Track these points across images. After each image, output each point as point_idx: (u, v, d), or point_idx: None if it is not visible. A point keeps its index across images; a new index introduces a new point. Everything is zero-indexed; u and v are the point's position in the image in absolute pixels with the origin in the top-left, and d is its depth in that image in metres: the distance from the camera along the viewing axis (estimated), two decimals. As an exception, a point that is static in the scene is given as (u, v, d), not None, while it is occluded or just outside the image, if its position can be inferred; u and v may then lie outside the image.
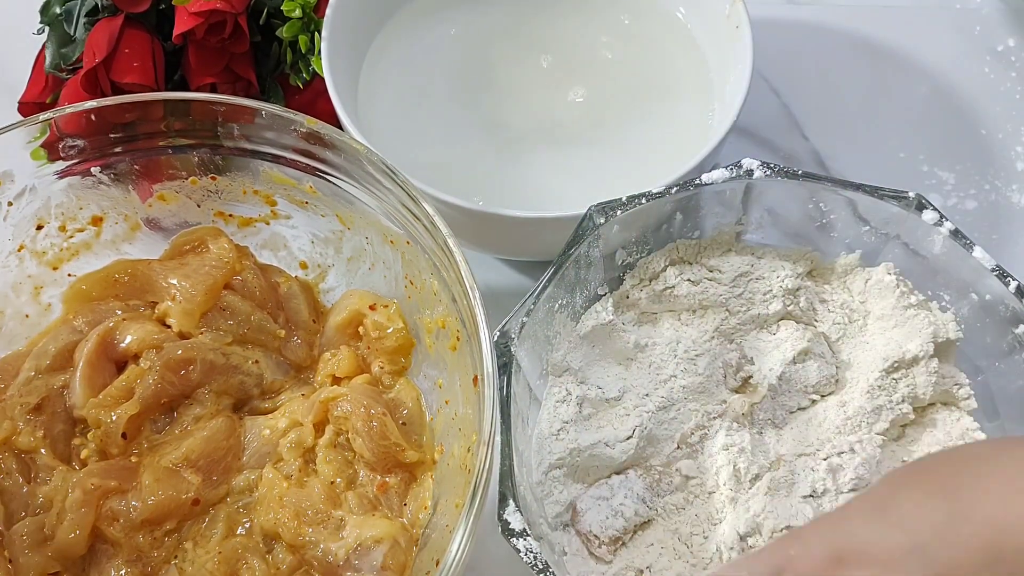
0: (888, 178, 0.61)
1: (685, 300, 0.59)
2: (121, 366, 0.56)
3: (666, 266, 0.59)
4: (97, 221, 0.59)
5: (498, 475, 0.49)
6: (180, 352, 0.55)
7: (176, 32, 0.64)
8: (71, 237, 0.59)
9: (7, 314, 0.58)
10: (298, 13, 0.67)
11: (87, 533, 0.51)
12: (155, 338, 0.56)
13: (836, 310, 0.59)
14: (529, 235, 0.62)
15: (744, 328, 0.59)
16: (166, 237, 0.61)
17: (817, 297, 0.60)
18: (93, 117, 0.56)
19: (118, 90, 0.63)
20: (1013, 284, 0.54)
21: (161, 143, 0.57)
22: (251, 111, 0.55)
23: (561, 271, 0.55)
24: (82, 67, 0.64)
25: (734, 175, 0.57)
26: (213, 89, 0.66)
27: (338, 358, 0.58)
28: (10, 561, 0.51)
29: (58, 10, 0.68)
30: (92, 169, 0.57)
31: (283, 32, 0.67)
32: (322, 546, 0.51)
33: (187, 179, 0.59)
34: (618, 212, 0.56)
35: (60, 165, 0.57)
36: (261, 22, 0.68)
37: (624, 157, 0.66)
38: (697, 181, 0.57)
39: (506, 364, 0.52)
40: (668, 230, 0.59)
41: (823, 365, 0.57)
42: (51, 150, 0.56)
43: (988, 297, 0.55)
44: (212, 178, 0.59)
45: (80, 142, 0.56)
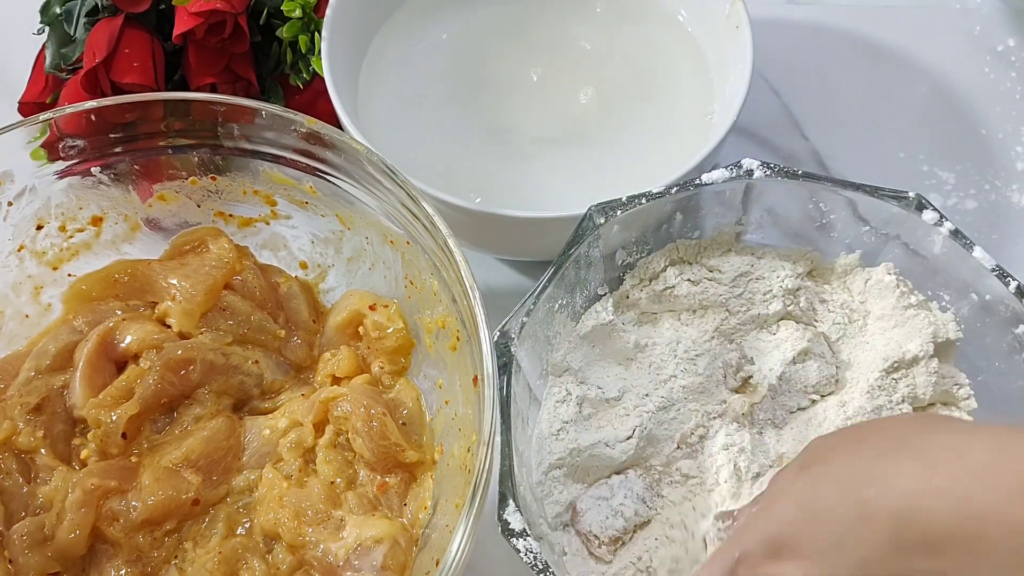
0: (888, 178, 0.61)
1: (685, 300, 0.59)
2: (121, 366, 0.56)
3: (666, 266, 0.59)
4: (97, 221, 0.59)
5: (498, 475, 0.49)
6: (180, 352, 0.55)
7: (176, 32, 0.64)
8: (71, 237, 0.59)
9: (7, 314, 0.58)
10: (298, 13, 0.67)
11: (87, 533, 0.51)
12: (155, 338, 0.56)
13: (836, 310, 0.59)
14: (529, 235, 0.62)
15: (744, 328, 0.59)
16: (166, 237, 0.61)
17: (817, 297, 0.60)
18: (93, 117, 0.56)
19: (118, 90, 0.63)
20: (1013, 284, 0.54)
21: (161, 143, 0.57)
22: (251, 111, 0.55)
23: (561, 271, 0.55)
24: (82, 67, 0.64)
25: (734, 175, 0.57)
26: (213, 89, 0.66)
27: (338, 358, 0.58)
28: (10, 561, 0.51)
29: (58, 10, 0.68)
30: (92, 169, 0.57)
31: (283, 32, 0.67)
32: (322, 546, 0.51)
33: (187, 179, 0.59)
34: (618, 212, 0.56)
35: (60, 165, 0.57)
36: (261, 22, 0.68)
37: (624, 157, 0.66)
38: (697, 181, 0.57)
39: (506, 364, 0.52)
40: (668, 230, 0.59)
41: (823, 365, 0.57)
42: (51, 150, 0.56)
43: (988, 297, 0.55)
44: (212, 178, 0.59)
45: (80, 142, 0.56)
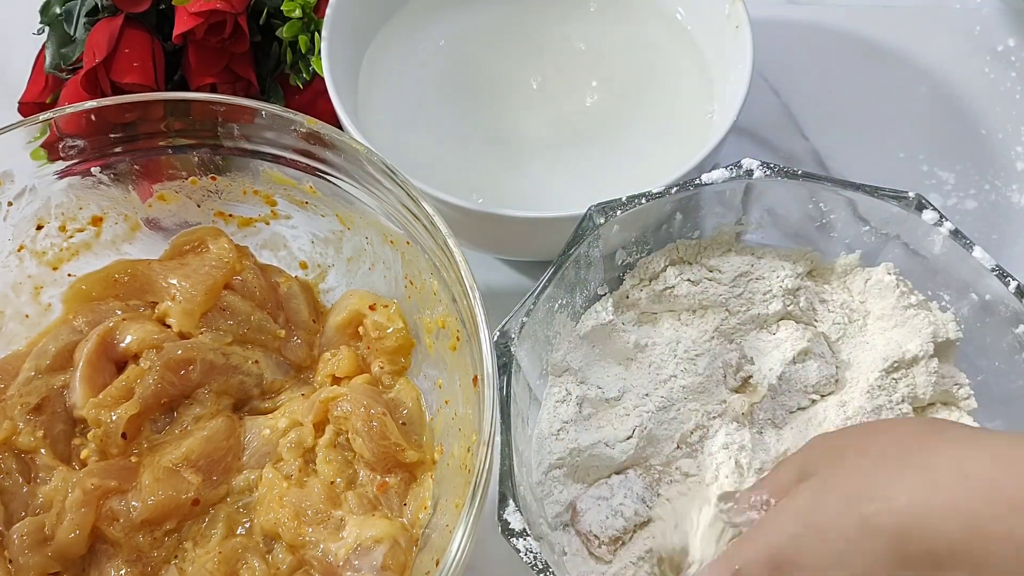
0: (888, 178, 0.61)
1: (685, 300, 0.59)
2: (121, 366, 0.56)
3: (666, 266, 0.59)
4: (97, 221, 0.59)
5: (498, 475, 0.49)
6: (180, 352, 0.55)
7: (176, 32, 0.64)
8: (71, 237, 0.59)
9: (7, 314, 0.58)
10: (298, 13, 0.67)
11: (87, 533, 0.51)
12: (155, 338, 0.56)
13: (836, 310, 0.59)
14: (529, 235, 0.62)
15: (744, 328, 0.59)
16: (166, 237, 0.61)
17: (817, 297, 0.60)
18: (93, 117, 0.56)
19: (118, 90, 0.63)
20: (1013, 284, 0.54)
21: (161, 143, 0.57)
22: (251, 111, 0.55)
23: (561, 271, 0.55)
24: (82, 67, 0.64)
25: (734, 175, 0.57)
26: (213, 89, 0.66)
27: (338, 358, 0.58)
28: (10, 561, 0.51)
29: (58, 10, 0.68)
30: (92, 169, 0.57)
31: (283, 32, 0.67)
32: (322, 546, 0.51)
33: (187, 179, 0.59)
34: (618, 212, 0.56)
35: (60, 165, 0.57)
36: (261, 22, 0.68)
37: (624, 157, 0.66)
38: (697, 181, 0.57)
39: (506, 364, 0.52)
40: (668, 230, 0.59)
41: (823, 365, 0.57)
42: (51, 150, 0.56)
43: (988, 297, 0.55)
44: (212, 178, 0.59)
45: (80, 142, 0.56)
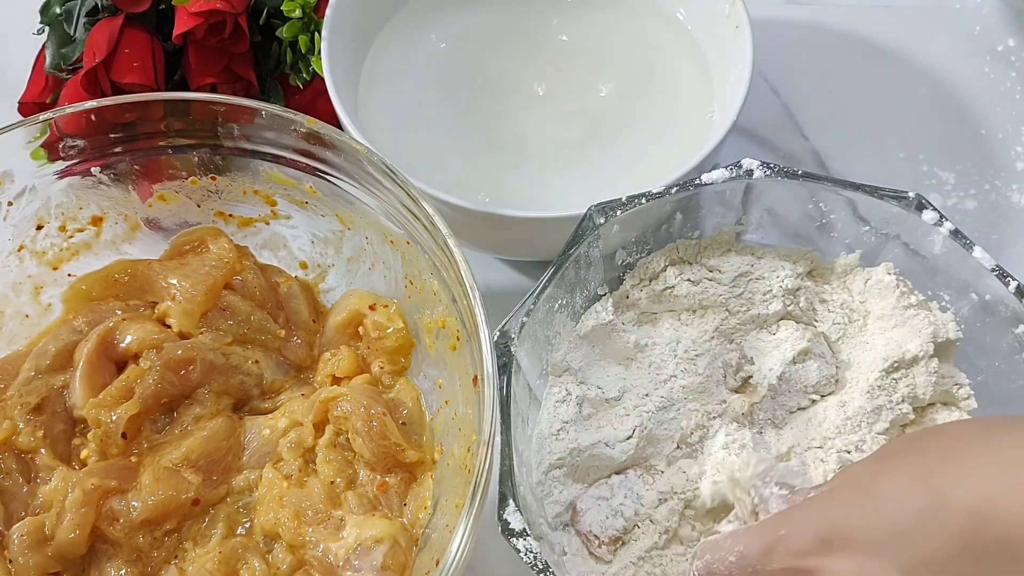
0: (888, 178, 0.61)
1: (685, 300, 0.59)
2: (121, 366, 0.56)
3: (666, 266, 0.59)
4: (97, 221, 0.59)
5: (498, 475, 0.49)
6: (180, 352, 0.55)
7: (176, 32, 0.64)
8: (71, 237, 0.59)
9: (7, 314, 0.58)
10: (298, 13, 0.67)
11: (87, 533, 0.51)
12: (155, 338, 0.56)
13: (836, 310, 0.59)
14: (529, 235, 0.62)
15: (744, 328, 0.59)
16: (166, 237, 0.61)
17: (817, 297, 0.60)
18: (93, 117, 0.56)
19: (118, 90, 0.63)
20: (1013, 284, 0.54)
21: (161, 143, 0.57)
22: (251, 111, 0.55)
23: (561, 271, 0.55)
24: (82, 67, 0.64)
25: (734, 175, 0.57)
26: (213, 89, 0.66)
27: (338, 358, 0.58)
28: (10, 561, 0.51)
29: (58, 10, 0.68)
30: (92, 169, 0.57)
31: (283, 32, 0.67)
32: (322, 546, 0.51)
33: (187, 179, 0.59)
34: (618, 212, 0.56)
35: (60, 165, 0.57)
36: (261, 22, 0.68)
37: (624, 157, 0.66)
38: (697, 181, 0.57)
39: (506, 364, 0.52)
40: (668, 230, 0.59)
41: (823, 365, 0.57)
42: (51, 150, 0.56)
43: (988, 297, 0.55)
44: (212, 178, 0.59)
45: (80, 142, 0.56)
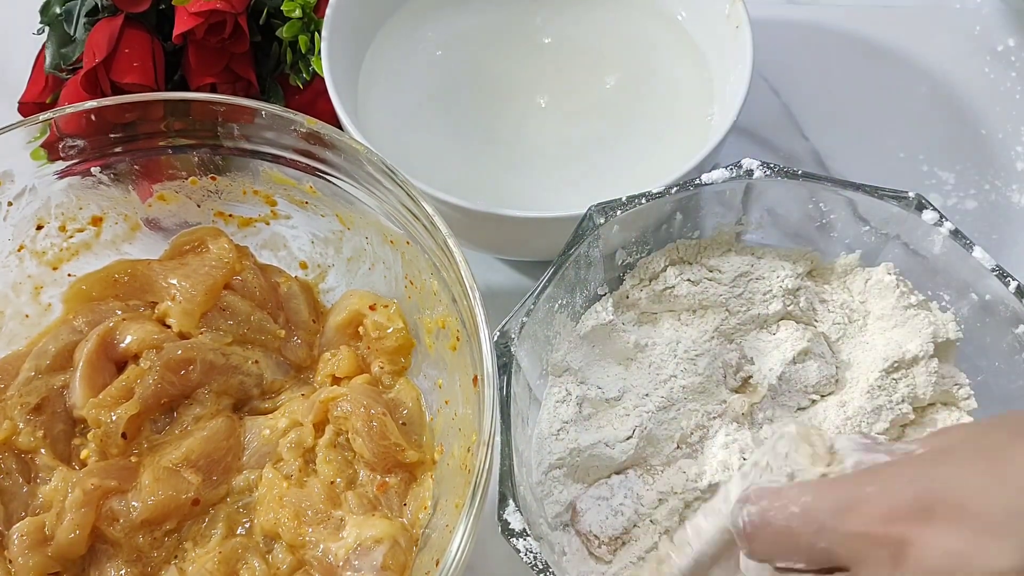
0: (888, 178, 0.61)
1: (685, 300, 0.59)
2: (121, 366, 0.56)
3: (666, 266, 0.59)
4: (97, 221, 0.59)
5: (498, 475, 0.49)
6: (180, 352, 0.55)
7: (176, 32, 0.64)
8: (71, 237, 0.59)
9: (7, 314, 0.58)
10: (298, 13, 0.67)
11: (87, 533, 0.51)
12: (155, 338, 0.56)
13: (836, 310, 0.59)
14: (529, 235, 0.62)
15: (744, 328, 0.59)
16: (166, 237, 0.61)
17: (817, 297, 0.60)
18: (93, 117, 0.56)
19: (118, 90, 0.63)
20: (1013, 284, 0.54)
21: (161, 143, 0.57)
22: (251, 111, 0.55)
23: (561, 271, 0.55)
24: (82, 67, 0.64)
25: (734, 175, 0.57)
26: (213, 89, 0.66)
27: (338, 358, 0.58)
28: (10, 561, 0.51)
29: (58, 10, 0.68)
30: (92, 169, 0.57)
31: (283, 32, 0.67)
32: (322, 546, 0.51)
33: (187, 179, 0.59)
34: (618, 212, 0.56)
35: (60, 165, 0.57)
36: (261, 22, 0.68)
37: (624, 157, 0.66)
38: (697, 181, 0.57)
39: (506, 364, 0.52)
40: (668, 230, 0.59)
41: (823, 365, 0.57)
42: (51, 150, 0.56)
43: (988, 297, 0.55)
44: (212, 178, 0.59)
45: (80, 142, 0.56)
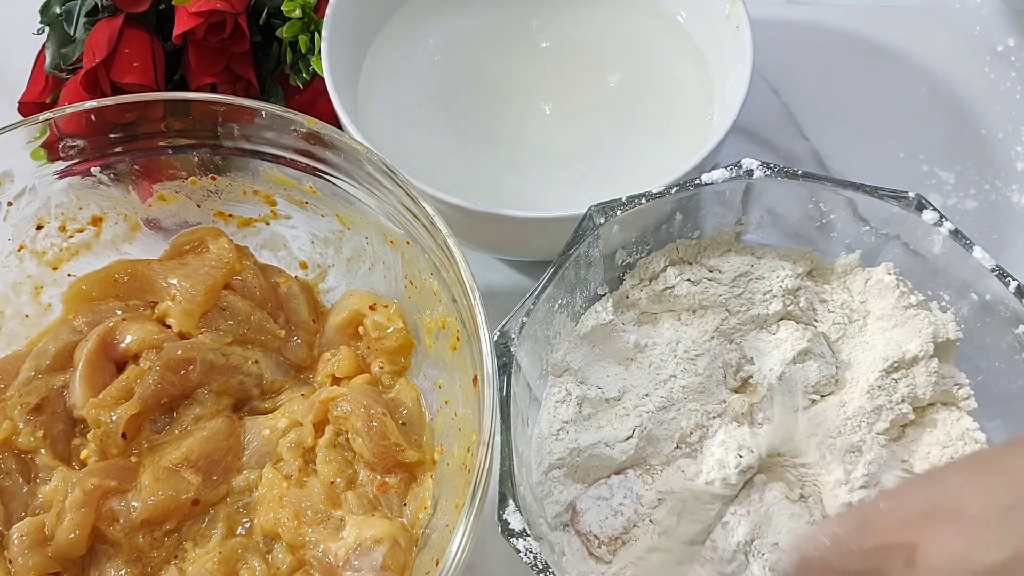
0: (888, 178, 0.61)
1: (685, 300, 0.59)
2: (121, 366, 0.56)
3: (666, 266, 0.59)
4: (97, 221, 0.59)
5: (498, 475, 0.49)
6: (180, 352, 0.55)
7: (176, 32, 0.64)
8: (71, 237, 0.59)
9: (7, 314, 0.58)
10: (298, 13, 0.67)
11: (87, 533, 0.51)
12: (155, 338, 0.56)
13: (836, 310, 0.59)
14: (529, 235, 0.62)
15: (744, 328, 0.59)
16: (166, 237, 0.61)
17: (817, 297, 0.60)
18: (93, 117, 0.56)
19: (118, 90, 0.63)
20: (1013, 284, 0.54)
21: (161, 143, 0.57)
22: (251, 111, 0.55)
23: (561, 271, 0.55)
24: (82, 67, 0.64)
25: (734, 175, 0.57)
26: (213, 89, 0.66)
27: (338, 358, 0.58)
28: (10, 561, 0.51)
29: (58, 10, 0.68)
30: (92, 169, 0.57)
31: (283, 32, 0.67)
32: (322, 546, 0.51)
33: (187, 179, 0.59)
34: (618, 212, 0.56)
35: (60, 165, 0.57)
36: (261, 22, 0.68)
37: (624, 157, 0.66)
38: (697, 181, 0.57)
39: (506, 364, 0.52)
40: (668, 230, 0.59)
41: (823, 365, 0.57)
42: (51, 150, 0.56)
43: (988, 297, 0.55)
44: (212, 178, 0.59)
45: (80, 142, 0.56)
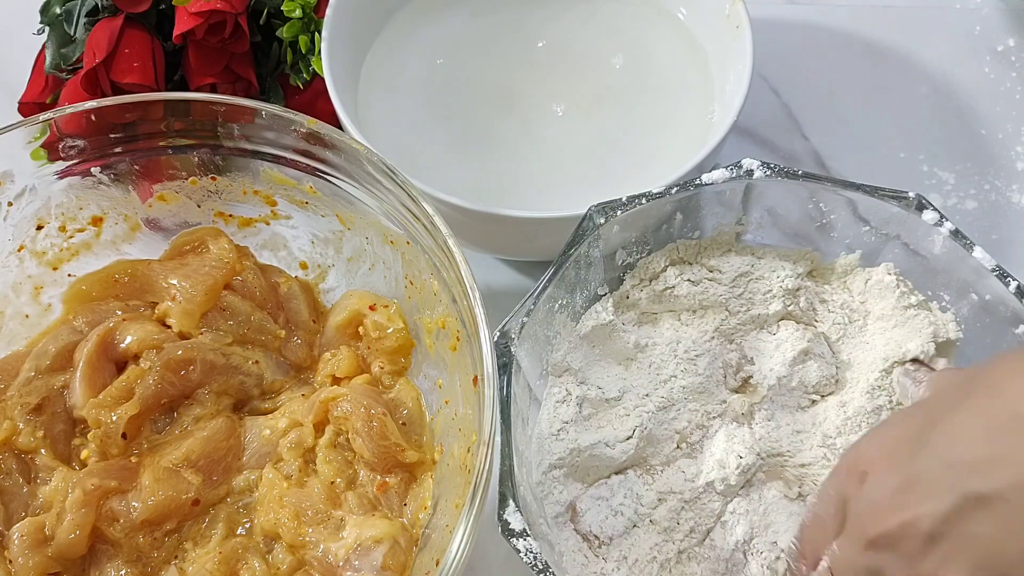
0: (888, 178, 0.61)
1: (685, 300, 0.59)
2: (121, 366, 0.56)
3: (666, 266, 0.59)
4: (97, 221, 0.59)
5: (498, 475, 0.49)
6: (180, 352, 0.55)
7: (176, 32, 0.64)
8: (71, 237, 0.59)
9: (7, 314, 0.58)
10: (298, 13, 0.67)
11: (87, 533, 0.51)
12: (155, 338, 0.56)
13: (836, 310, 0.59)
14: (529, 235, 0.62)
15: (744, 328, 0.59)
16: (166, 237, 0.61)
17: (817, 297, 0.60)
18: (93, 117, 0.56)
19: (118, 90, 0.63)
20: (1013, 284, 0.54)
21: (161, 143, 0.57)
22: (251, 111, 0.55)
23: (561, 271, 0.55)
24: (82, 67, 0.64)
25: (734, 175, 0.57)
26: (213, 89, 0.66)
27: (338, 358, 0.58)
28: (10, 561, 0.51)
29: (58, 10, 0.68)
30: (92, 169, 0.57)
31: (283, 32, 0.67)
32: (322, 546, 0.51)
33: (187, 179, 0.59)
34: (618, 212, 0.56)
35: (60, 165, 0.57)
36: (261, 22, 0.68)
37: (624, 157, 0.66)
38: (697, 181, 0.57)
39: (506, 364, 0.52)
40: (668, 230, 0.59)
41: (823, 365, 0.57)
42: (51, 150, 0.56)
43: (988, 297, 0.55)
44: (212, 178, 0.59)
45: (80, 142, 0.56)
